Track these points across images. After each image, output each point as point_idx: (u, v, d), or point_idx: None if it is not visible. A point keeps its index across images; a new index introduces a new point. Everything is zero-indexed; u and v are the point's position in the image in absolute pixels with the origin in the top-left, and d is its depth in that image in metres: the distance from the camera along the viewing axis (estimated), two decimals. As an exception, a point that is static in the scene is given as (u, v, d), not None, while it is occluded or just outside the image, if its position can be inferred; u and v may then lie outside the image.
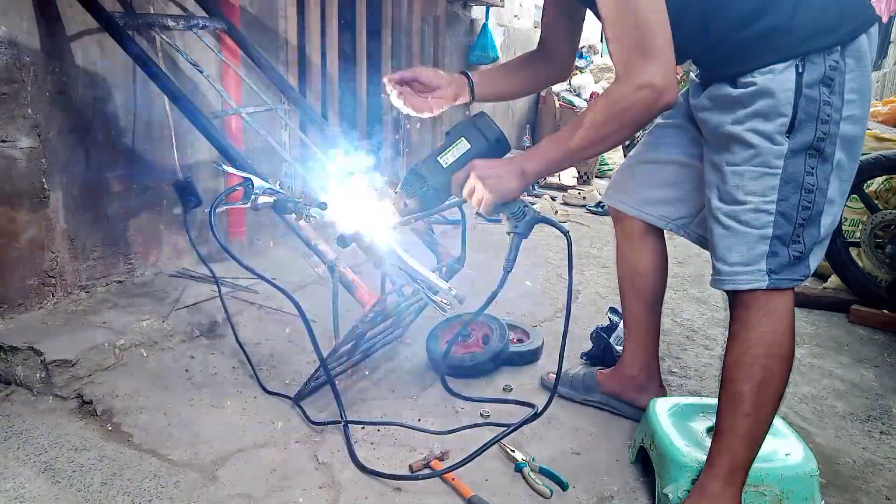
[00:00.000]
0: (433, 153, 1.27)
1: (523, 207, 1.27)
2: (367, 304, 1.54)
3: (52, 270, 2.06)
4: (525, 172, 1.22)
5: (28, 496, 1.32)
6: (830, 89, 1.16)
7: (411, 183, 1.26)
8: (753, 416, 1.21)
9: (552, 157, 1.21)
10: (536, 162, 1.22)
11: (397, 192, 1.30)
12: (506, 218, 1.29)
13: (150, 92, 2.26)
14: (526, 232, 1.30)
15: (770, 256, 1.21)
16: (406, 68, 2.15)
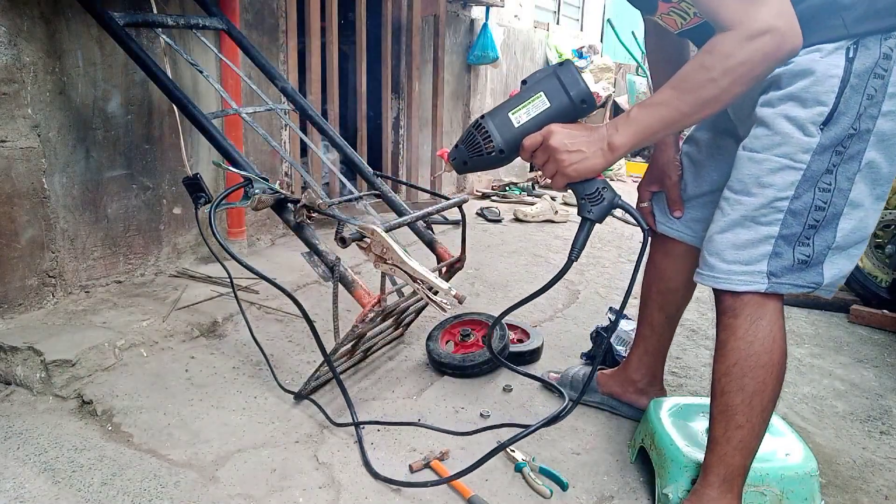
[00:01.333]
0: (504, 106, 1.11)
1: (601, 189, 1.11)
2: (366, 305, 1.54)
3: (52, 270, 2.06)
4: (613, 146, 1.06)
5: (28, 496, 1.32)
6: (883, 80, 1.03)
7: (473, 137, 1.11)
8: (747, 427, 1.16)
9: (648, 125, 1.05)
10: (629, 133, 1.05)
11: (456, 147, 1.15)
12: (578, 198, 1.13)
13: (151, 92, 2.26)
14: (601, 217, 1.14)
15: (773, 257, 1.11)
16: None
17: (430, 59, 3.90)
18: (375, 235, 1.39)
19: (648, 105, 1.06)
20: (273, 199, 1.56)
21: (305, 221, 1.59)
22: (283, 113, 2.09)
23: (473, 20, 4.43)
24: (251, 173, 1.59)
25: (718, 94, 1.00)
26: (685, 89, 1.02)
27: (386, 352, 2.03)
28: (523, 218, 3.91)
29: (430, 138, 4.00)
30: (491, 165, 1.14)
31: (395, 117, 3.82)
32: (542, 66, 5.81)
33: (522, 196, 4.53)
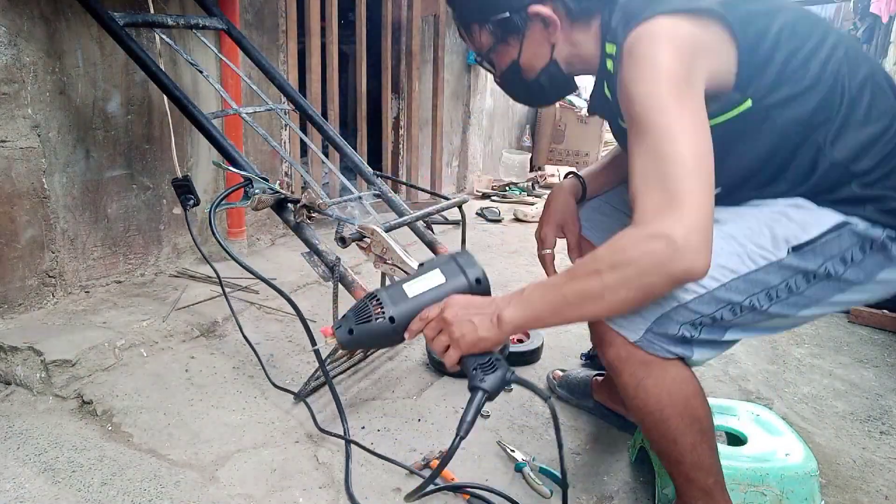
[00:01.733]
0: (398, 281, 1.10)
1: (494, 360, 1.03)
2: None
3: (52, 270, 2.06)
4: (502, 321, 0.99)
5: (28, 496, 1.32)
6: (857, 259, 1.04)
7: (364, 305, 1.07)
8: (686, 461, 1.11)
9: (536, 309, 0.98)
10: (518, 312, 0.99)
11: (344, 317, 1.09)
12: (469, 369, 1.04)
13: (151, 92, 2.26)
14: (494, 388, 1.02)
15: (662, 317, 1.04)
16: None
17: (430, 59, 3.90)
18: (375, 235, 1.39)
19: (542, 286, 1.00)
20: (273, 199, 1.56)
21: (305, 221, 1.59)
22: (283, 113, 2.09)
23: (473, 20, 4.43)
24: (251, 173, 1.59)
25: (602, 290, 0.92)
26: (574, 276, 0.96)
27: (386, 352, 2.03)
28: (523, 218, 3.91)
29: (430, 138, 4.00)
30: (379, 336, 1.07)
31: (395, 117, 3.82)
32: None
33: (522, 196, 4.53)
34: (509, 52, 1.19)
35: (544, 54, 1.18)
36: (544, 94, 1.25)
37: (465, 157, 4.70)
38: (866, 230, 1.04)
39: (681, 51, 0.96)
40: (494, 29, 1.17)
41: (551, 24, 1.14)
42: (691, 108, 0.95)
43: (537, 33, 1.16)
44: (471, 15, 1.20)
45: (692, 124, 0.94)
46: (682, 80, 0.95)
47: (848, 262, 1.05)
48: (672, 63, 0.95)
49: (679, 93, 0.94)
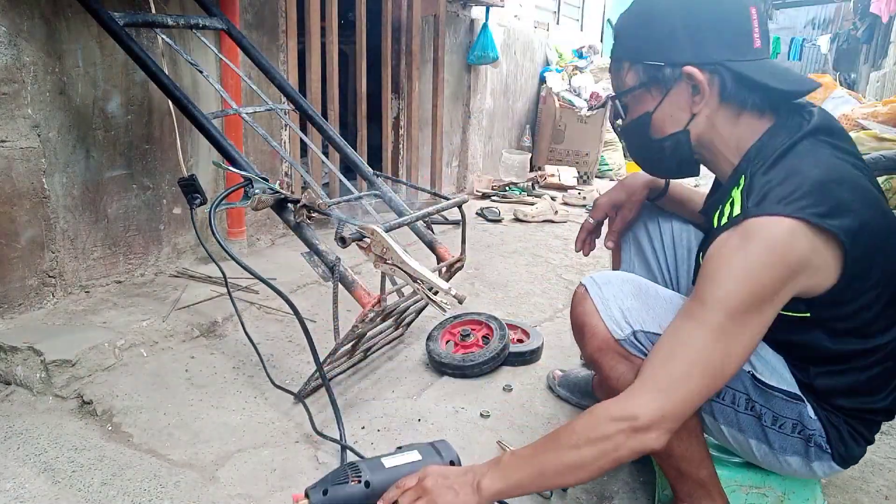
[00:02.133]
0: (377, 455, 1.15)
1: None
2: (366, 305, 1.54)
3: (52, 270, 2.06)
4: (481, 489, 1.01)
5: (28, 496, 1.32)
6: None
7: (342, 470, 1.10)
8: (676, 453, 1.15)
9: (515, 477, 1.02)
10: (497, 480, 1.02)
11: (322, 479, 1.11)
12: None
13: (151, 92, 2.26)
14: None
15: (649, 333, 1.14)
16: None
17: (430, 59, 3.90)
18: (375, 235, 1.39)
19: (520, 456, 1.04)
20: (273, 199, 1.56)
21: (305, 221, 1.59)
22: (283, 113, 2.09)
23: (473, 20, 4.43)
24: (251, 173, 1.59)
25: (580, 463, 0.98)
26: (553, 448, 1.00)
27: (386, 352, 2.03)
28: (523, 218, 3.91)
29: (430, 138, 4.00)
30: (352, 500, 1.08)
31: (395, 117, 3.82)
32: (541, 66, 5.82)
33: (522, 196, 4.53)
34: (646, 103, 1.13)
35: (680, 119, 1.11)
36: (662, 160, 1.18)
37: (465, 157, 4.70)
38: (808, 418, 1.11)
39: (784, 272, 0.95)
40: (643, 73, 1.11)
41: (700, 92, 1.07)
42: (752, 327, 0.98)
43: (682, 95, 1.09)
44: (627, 51, 1.14)
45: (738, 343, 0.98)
46: (766, 299, 0.97)
47: (777, 426, 1.13)
48: (767, 281, 0.95)
49: (753, 310, 0.96)
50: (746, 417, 1.14)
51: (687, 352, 0.98)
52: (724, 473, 1.24)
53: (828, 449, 1.12)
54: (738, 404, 1.14)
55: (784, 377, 1.13)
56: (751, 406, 1.13)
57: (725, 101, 1.08)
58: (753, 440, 1.16)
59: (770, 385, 1.11)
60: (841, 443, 1.12)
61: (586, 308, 1.19)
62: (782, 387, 1.12)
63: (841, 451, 1.12)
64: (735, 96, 1.07)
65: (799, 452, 1.14)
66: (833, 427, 1.12)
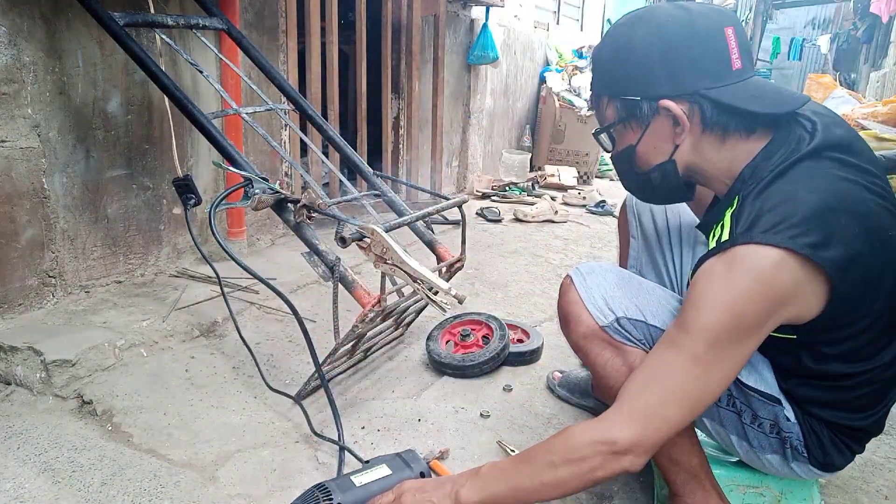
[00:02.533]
0: (346, 473, 1.17)
1: None
2: (366, 305, 1.54)
3: (52, 270, 2.06)
4: (459, 500, 1.03)
5: (28, 496, 1.32)
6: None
7: (312, 493, 1.11)
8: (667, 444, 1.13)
9: (493, 490, 1.02)
10: (474, 490, 1.03)
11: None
12: None
13: (151, 92, 2.26)
14: None
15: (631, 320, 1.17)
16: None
17: (430, 59, 3.90)
18: (375, 235, 1.39)
19: (500, 469, 1.05)
20: (273, 199, 1.56)
21: (305, 221, 1.59)
22: (283, 113, 2.09)
23: (473, 20, 4.43)
24: (251, 173, 1.59)
25: (556, 482, 0.99)
26: (530, 464, 1.01)
27: (386, 352, 2.03)
28: (523, 218, 3.91)
29: (430, 138, 4.00)
30: None
31: (395, 117, 3.82)
32: (541, 66, 5.82)
33: (522, 196, 4.53)
34: (629, 136, 1.12)
35: (664, 151, 1.10)
36: (653, 190, 1.17)
37: (465, 157, 4.70)
38: (784, 421, 1.12)
39: (768, 304, 0.94)
40: (622, 108, 1.10)
41: (680, 123, 1.05)
42: (732, 358, 0.97)
43: (663, 128, 1.07)
44: (604, 86, 1.13)
45: (718, 374, 0.97)
46: (749, 331, 0.95)
47: (756, 425, 1.14)
48: (751, 313, 0.94)
49: (735, 341, 0.95)
50: (727, 413, 1.15)
51: (665, 381, 0.97)
52: (722, 473, 1.24)
53: (804, 453, 1.12)
54: (720, 399, 1.15)
55: (764, 378, 1.13)
56: (731, 402, 1.15)
57: (707, 128, 1.05)
58: (734, 436, 1.17)
59: (748, 385, 1.12)
60: (820, 449, 1.12)
61: (570, 297, 1.21)
62: (760, 388, 1.12)
63: (819, 458, 1.12)
64: (717, 123, 1.04)
65: (777, 452, 1.14)
66: (813, 433, 1.12)
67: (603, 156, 5.70)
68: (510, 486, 1.02)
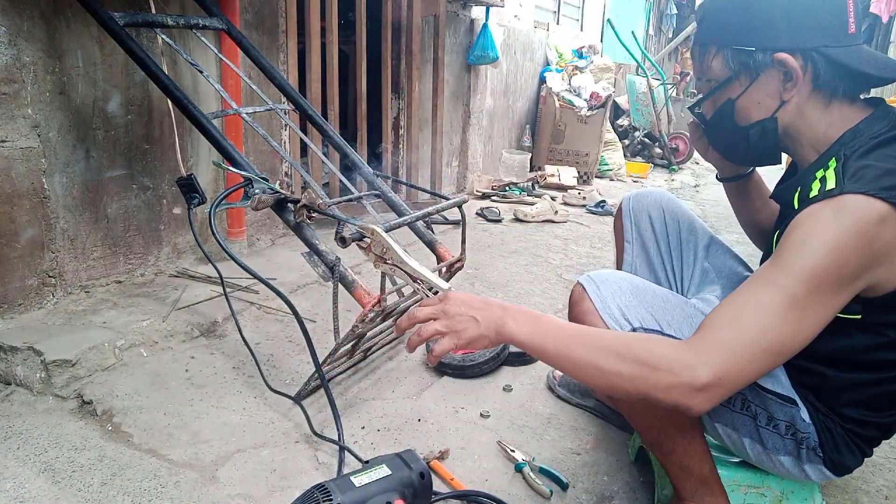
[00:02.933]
0: (346, 474, 1.17)
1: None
2: (366, 305, 1.54)
3: (52, 270, 2.06)
4: (505, 332, 1.00)
5: (28, 496, 1.32)
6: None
7: (312, 493, 1.11)
8: (679, 450, 1.16)
9: (542, 341, 1.00)
10: (523, 331, 1.00)
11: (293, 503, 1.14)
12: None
13: (151, 92, 2.26)
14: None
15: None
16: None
17: (430, 59, 3.90)
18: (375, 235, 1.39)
19: (559, 325, 1.01)
20: (273, 198, 1.56)
21: (305, 221, 1.59)
22: (283, 113, 2.09)
23: (473, 20, 4.43)
24: (251, 173, 1.59)
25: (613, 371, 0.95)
26: (595, 343, 0.98)
27: (386, 352, 2.03)
28: (523, 218, 3.91)
29: (430, 138, 4.00)
30: None
31: (395, 117, 3.82)
32: (541, 66, 5.82)
33: (522, 196, 4.53)
34: (732, 89, 1.10)
35: (768, 107, 1.08)
36: (747, 148, 1.15)
37: (465, 157, 4.70)
38: (801, 422, 1.11)
39: (868, 254, 0.93)
40: (731, 58, 1.08)
41: (793, 79, 1.04)
42: (826, 307, 0.94)
43: (772, 82, 1.06)
44: (714, 35, 1.10)
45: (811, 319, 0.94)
46: (847, 280, 0.94)
47: (771, 426, 1.13)
48: (854, 261, 0.93)
49: (833, 288, 0.93)
50: (741, 417, 1.15)
51: (759, 320, 0.92)
52: (723, 473, 1.24)
53: (820, 453, 1.12)
54: (734, 404, 1.14)
55: (779, 380, 1.13)
56: (746, 406, 1.14)
57: (818, 88, 1.05)
58: (747, 439, 1.16)
59: (764, 388, 1.12)
60: (834, 449, 1.12)
61: (585, 307, 1.17)
62: (777, 389, 1.12)
63: (833, 458, 1.12)
64: (828, 83, 1.04)
65: (791, 453, 1.14)
66: (827, 432, 1.12)
67: (603, 156, 5.70)
68: (560, 347, 0.98)
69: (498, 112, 5.12)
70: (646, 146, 6.73)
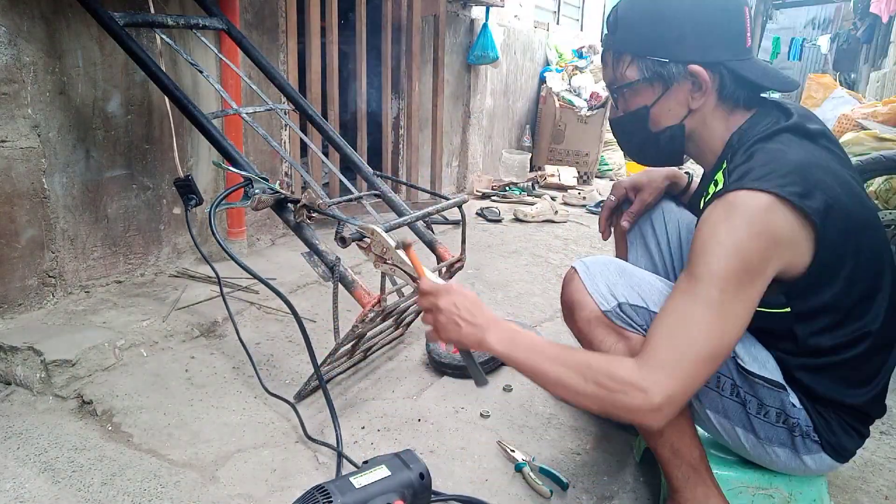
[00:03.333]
0: (345, 476, 1.16)
1: None
2: (366, 305, 1.54)
3: (52, 270, 2.06)
4: (484, 343, 1.10)
5: (28, 496, 1.32)
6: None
7: (311, 494, 1.11)
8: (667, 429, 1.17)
9: (516, 356, 1.08)
10: (503, 345, 1.10)
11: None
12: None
13: (151, 92, 2.26)
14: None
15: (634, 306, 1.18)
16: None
17: (430, 59, 3.90)
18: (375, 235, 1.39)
19: (535, 344, 1.09)
20: (273, 198, 1.56)
21: (305, 221, 1.59)
22: (283, 113, 2.09)
23: (473, 20, 4.43)
24: (251, 173, 1.59)
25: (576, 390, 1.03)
26: (565, 362, 1.05)
27: (386, 352, 2.03)
28: (523, 218, 3.91)
29: (430, 138, 4.00)
30: None
31: (395, 117, 3.82)
32: (541, 66, 5.82)
33: (522, 196, 4.53)
34: (646, 96, 1.17)
35: (677, 114, 1.17)
36: (656, 151, 1.23)
37: (465, 157, 4.70)
38: (790, 407, 1.13)
39: (768, 242, 0.99)
40: (646, 68, 1.15)
41: (701, 89, 1.13)
42: (745, 301, 1.01)
43: (682, 92, 1.14)
44: (629, 45, 1.17)
45: (734, 317, 1.00)
46: (756, 271, 1.00)
47: (762, 414, 1.15)
48: (755, 252, 0.99)
49: (745, 283, 1.00)
50: (731, 403, 1.16)
51: (688, 331, 1.00)
52: (731, 475, 1.24)
53: (816, 438, 1.13)
54: (724, 389, 1.16)
55: (767, 366, 1.15)
56: (735, 392, 1.15)
57: (721, 98, 1.14)
58: (740, 429, 1.17)
59: (752, 372, 1.14)
60: (830, 432, 1.13)
61: (574, 286, 1.24)
62: (764, 374, 1.13)
63: (832, 441, 1.13)
64: (731, 93, 1.13)
65: (785, 444, 1.15)
66: (820, 416, 1.13)
67: (603, 156, 5.70)
68: (534, 365, 1.07)
69: (498, 112, 5.12)
70: (646, 146, 6.72)
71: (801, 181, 1.00)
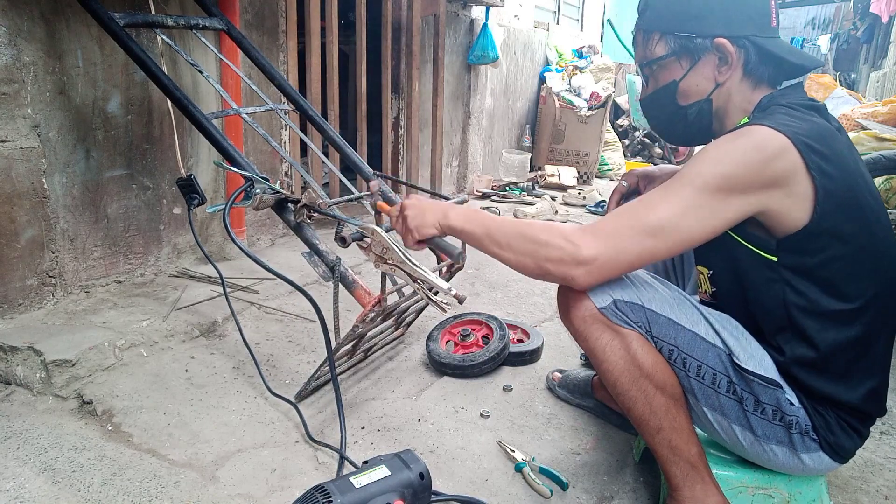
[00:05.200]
0: (346, 476, 1.15)
1: None
2: (367, 305, 1.54)
3: (52, 270, 2.06)
4: (446, 219, 1.25)
5: (28, 496, 1.32)
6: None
7: (311, 494, 1.11)
8: (666, 428, 1.17)
9: (473, 227, 1.22)
10: (460, 220, 1.24)
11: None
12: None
13: (151, 92, 2.26)
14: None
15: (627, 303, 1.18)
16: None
17: (430, 59, 3.90)
18: (375, 235, 1.39)
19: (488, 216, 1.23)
20: (274, 198, 1.56)
21: (305, 221, 1.59)
22: (283, 113, 2.09)
23: (473, 20, 4.43)
24: (252, 173, 1.59)
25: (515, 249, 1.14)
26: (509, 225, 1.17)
27: (386, 352, 2.03)
28: (523, 218, 3.91)
29: (430, 138, 4.00)
30: None
31: (395, 117, 3.82)
32: (541, 66, 5.82)
33: (522, 196, 4.53)
34: (674, 71, 1.22)
35: (705, 88, 1.20)
36: (685, 127, 1.26)
37: (465, 157, 4.70)
38: (787, 404, 1.13)
39: (762, 172, 1.02)
40: (674, 43, 1.20)
41: (728, 63, 1.17)
42: (712, 210, 1.04)
43: (709, 65, 1.18)
44: (659, 22, 1.22)
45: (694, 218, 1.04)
46: (735, 189, 1.03)
47: (759, 412, 1.15)
48: (743, 171, 1.03)
49: (720, 193, 1.03)
50: (728, 400, 1.16)
51: (640, 211, 1.07)
52: (730, 474, 1.24)
53: (815, 437, 1.13)
54: (720, 386, 1.16)
55: (763, 363, 1.15)
56: (732, 389, 1.16)
57: (747, 73, 1.18)
58: (737, 426, 1.17)
59: (748, 370, 1.14)
60: (829, 431, 1.13)
61: None
62: (759, 372, 1.14)
63: (830, 440, 1.13)
64: (756, 68, 1.17)
65: (782, 442, 1.15)
66: (819, 415, 1.13)
67: (603, 156, 5.70)
68: (485, 230, 1.19)
69: (498, 112, 5.12)
70: (646, 146, 6.73)
71: (819, 140, 1.03)
